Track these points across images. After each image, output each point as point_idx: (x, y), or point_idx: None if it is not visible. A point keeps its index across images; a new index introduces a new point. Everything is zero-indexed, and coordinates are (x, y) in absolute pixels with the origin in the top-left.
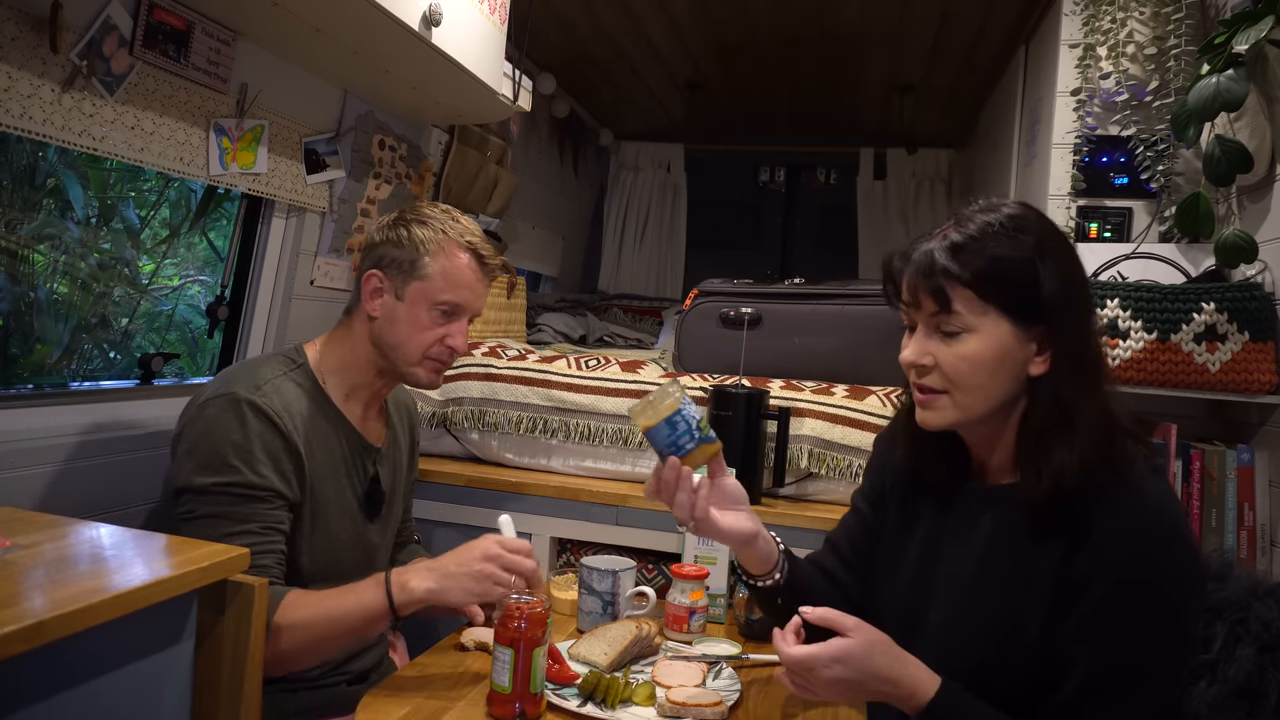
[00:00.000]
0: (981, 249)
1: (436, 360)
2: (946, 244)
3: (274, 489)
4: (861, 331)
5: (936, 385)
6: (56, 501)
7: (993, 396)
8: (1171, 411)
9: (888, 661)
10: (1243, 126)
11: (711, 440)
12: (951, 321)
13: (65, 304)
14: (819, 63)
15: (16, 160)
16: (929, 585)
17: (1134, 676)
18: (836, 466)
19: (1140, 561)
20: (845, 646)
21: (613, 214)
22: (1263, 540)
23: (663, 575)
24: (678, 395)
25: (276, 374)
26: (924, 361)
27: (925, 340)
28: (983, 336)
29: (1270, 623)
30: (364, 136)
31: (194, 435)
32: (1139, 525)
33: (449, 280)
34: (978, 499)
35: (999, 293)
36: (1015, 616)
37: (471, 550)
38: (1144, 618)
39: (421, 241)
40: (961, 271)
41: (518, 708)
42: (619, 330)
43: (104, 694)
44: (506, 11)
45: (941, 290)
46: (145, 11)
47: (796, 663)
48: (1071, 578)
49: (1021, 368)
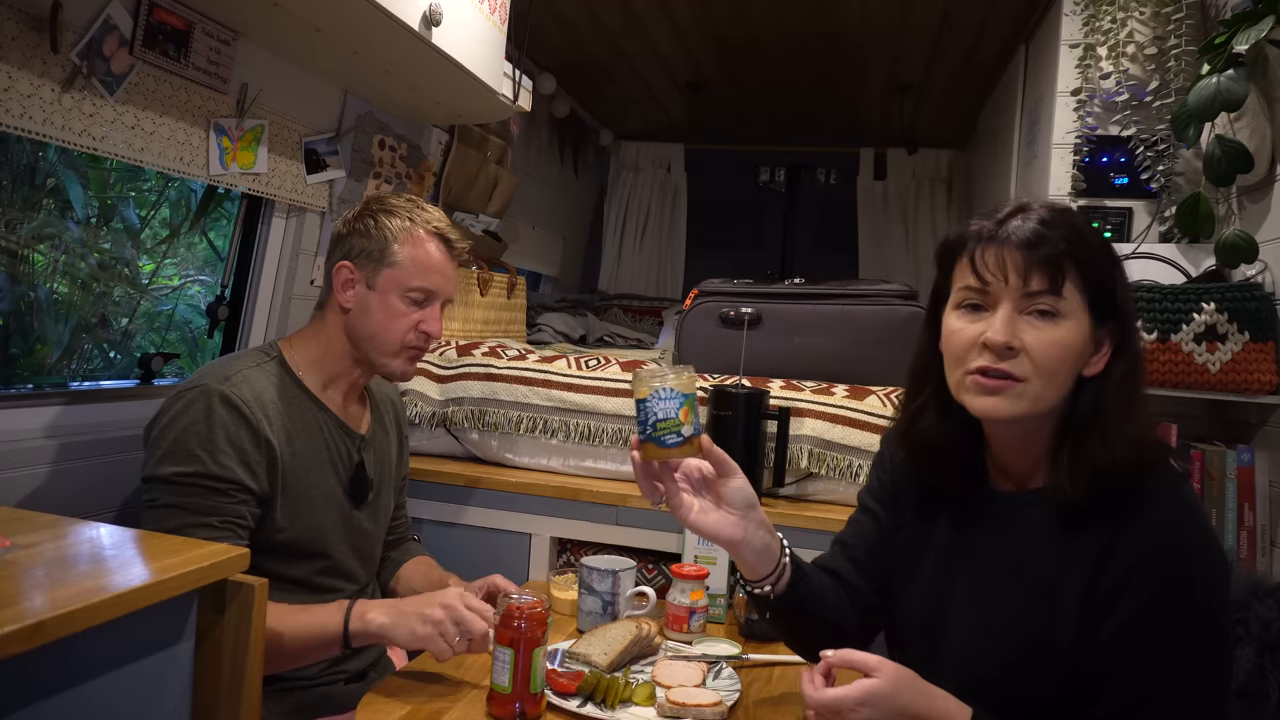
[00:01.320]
0: (1085, 234)
1: (414, 348)
2: (1048, 219)
3: (237, 481)
4: (861, 331)
5: (1018, 372)
6: (56, 501)
7: (1062, 389)
8: (1171, 411)
9: (914, 698)
10: (1243, 127)
11: (660, 443)
12: (1055, 303)
13: (65, 304)
14: (819, 63)
15: (16, 160)
16: (951, 592)
17: (1183, 675)
18: (836, 466)
19: (1177, 564)
20: (872, 688)
21: (613, 214)
22: (1263, 540)
23: (663, 575)
24: (654, 385)
25: (248, 366)
26: (1013, 343)
27: (1014, 321)
28: (1074, 324)
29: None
30: (364, 136)
31: (162, 425)
32: (1173, 529)
33: (419, 266)
34: (1004, 504)
35: (1094, 281)
36: (1044, 624)
37: (433, 597)
38: (1185, 617)
39: (389, 230)
40: (1077, 250)
41: (517, 708)
42: (619, 330)
43: (104, 694)
44: (506, 11)
45: (1057, 263)
46: (145, 11)
47: (824, 706)
48: (1105, 585)
49: (1083, 365)
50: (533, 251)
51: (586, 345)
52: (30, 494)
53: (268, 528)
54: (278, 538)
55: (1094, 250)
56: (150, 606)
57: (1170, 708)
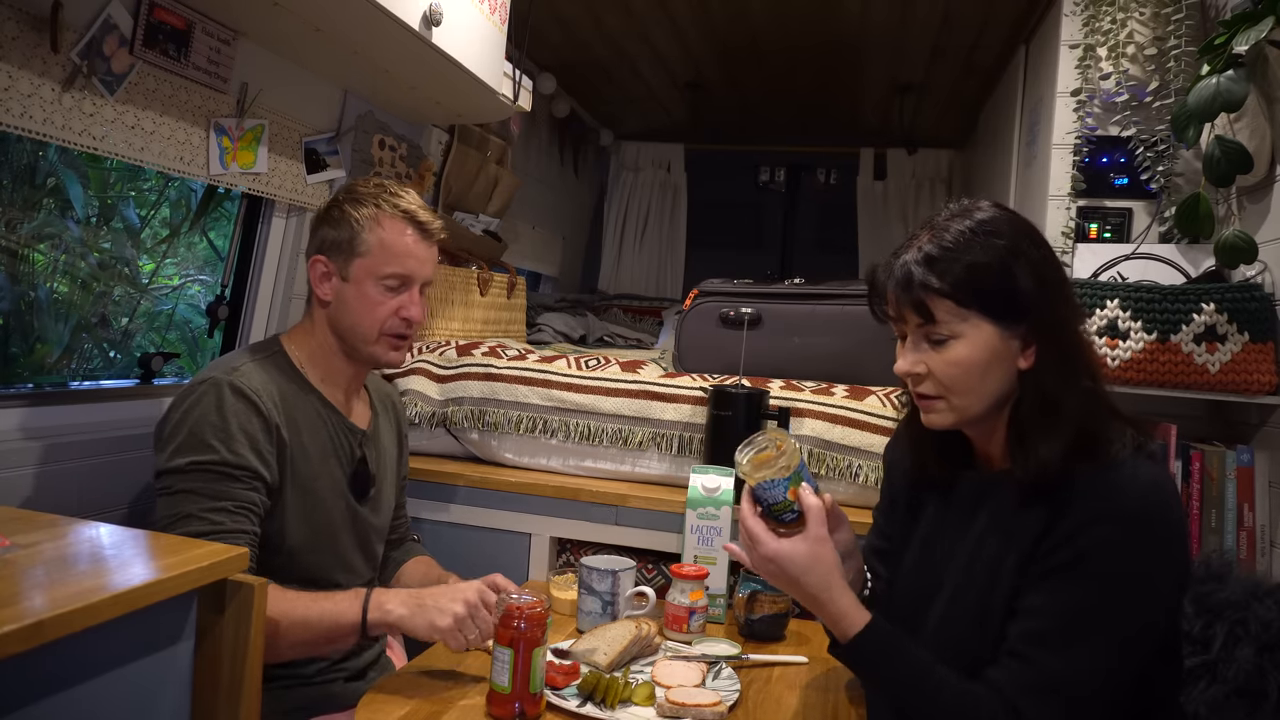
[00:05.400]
0: (956, 258)
1: (394, 335)
2: (921, 255)
3: (250, 468)
4: (861, 331)
5: (932, 392)
6: (56, 501)
7: (987, 395)
8: (1171, 412)
9: (817, 580)
10: (1243, 127)
11: (779, 520)
12: (937, 330)
13: (65, 303)
14: (819, 63)
15: (16, 160)
16: (931, 577)
17: (1083, 632)
18: (836, 467)
19: (1107, 533)
20: (787, 550)
21: (613, 214)
22: (1262, 541)
23: (662, 575)
24: (760, 476)
25: (253, 358)
26: (917, 370)
27: (916, 350)
28: (969, 341)
29: (1270, 623)
30: (364, 136)
31: (174, 420)
32: (1114, 505)
33: (390, 252)
34: (975, 489)
35: (977, 298)
36: (998, 596)
37: (456, 590)
38: (1104, 581)
39: (356, 219)
40: (939, 283)
41: (517, 708)
42: (619, 330)
43: (104, 694)
44: (507, 11)
45: (922, 303)
46: (145, 11)
47: (748, 532)
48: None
49: (1011, 364)
50: (533, 251)
51: (586, 345)
52: (30, 494)
53: (275, 517)
54: (285, 528)
55: (975, 268)
56: (150, 606)
57: (1061, 657)
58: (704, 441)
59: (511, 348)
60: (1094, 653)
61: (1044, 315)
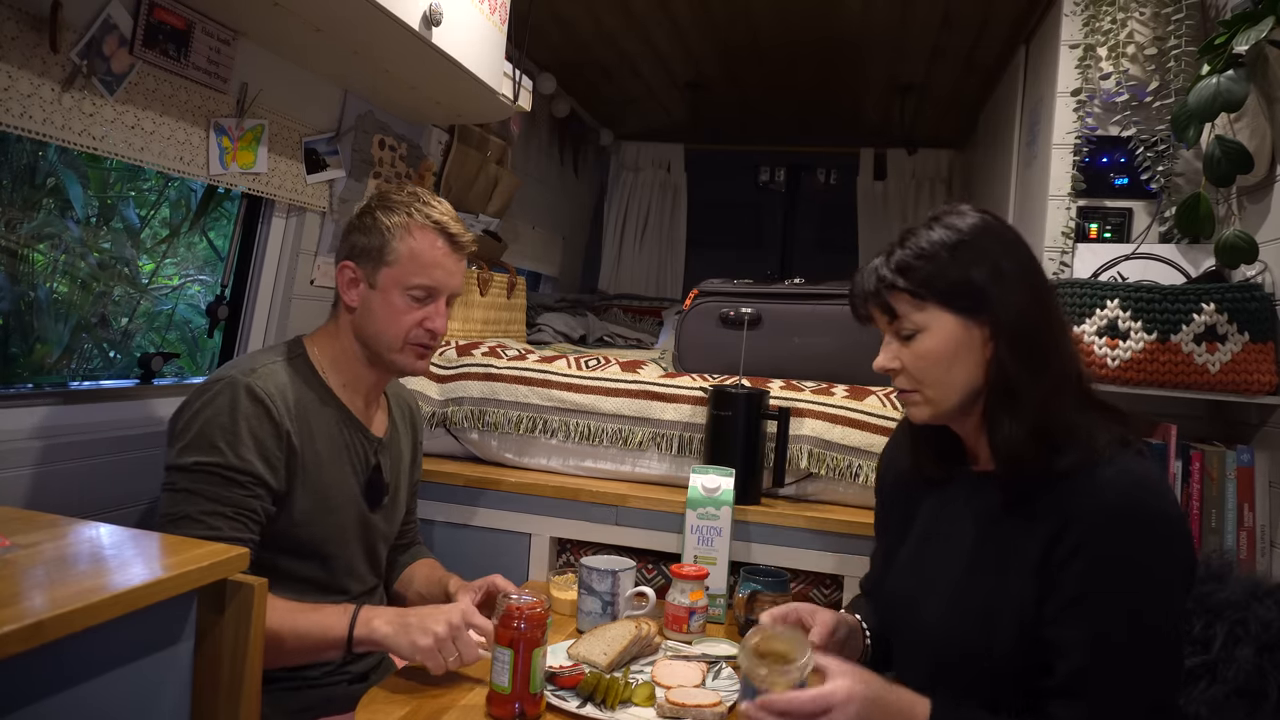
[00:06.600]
0: (911, 253)
1: (418, 345)
2: (885, 258)
3: (255, 474)
4: (862, 331)
5: (907, 385)
6: (56, 501)
7: (958, 386)
8: (1171, 412)
9: (871, 710)
10: (1243, 127)
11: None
12: (903, 325)
13: (65, 303)
14: (820, 63)
15: (16, 160)
16: (923, 576)
17: (1126, 649)
18: (836, 467)
19: (1112, 538)
20: (828, 696)
21: (613, 214)
22: (1262, 541)
23: (662, 575)
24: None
25: (274, 360)
26: (892, 365)
27: (890, 346)
28: (932, 333)
29: (1270, 623)
30: (364, 136)
31: (187, 417)
32: (1106, 503)
33: (418, 263)
34: (964, 486)
35: (930, 289)
36: (998, 598)
37: (440, 611)
38: (1125, 592)
39: (387, 227)
40: (893, 277)
41: (517, 708)
42: (619, 330)
43: (104, 694)
44: (507, 11)
45: (882, 299)
46: (145, 11)
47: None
48: (1055, 559)
49: (979, 355)
50: (533, 251)
51: (586, 345)
52: (30, 494)
53: (284, 523)
54: (294, 533)
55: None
56: (150, 606)
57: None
58: (704, 441)
59: (511, 348)
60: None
61: (1002, 304)
